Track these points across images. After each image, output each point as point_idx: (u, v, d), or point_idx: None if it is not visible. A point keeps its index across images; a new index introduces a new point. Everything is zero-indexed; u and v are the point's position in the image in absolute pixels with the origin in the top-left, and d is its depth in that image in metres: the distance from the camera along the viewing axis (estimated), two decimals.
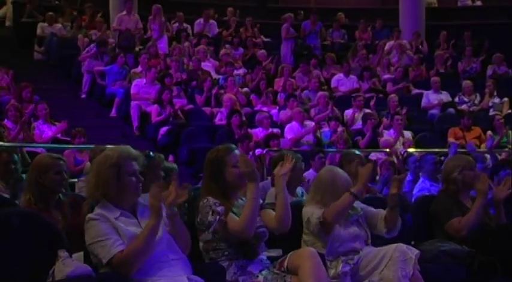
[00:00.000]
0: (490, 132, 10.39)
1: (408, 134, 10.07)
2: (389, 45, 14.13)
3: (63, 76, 12.57)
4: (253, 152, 8.50)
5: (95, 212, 3.28)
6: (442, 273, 4.25)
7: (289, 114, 10.32)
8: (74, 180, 6.21)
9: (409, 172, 7.51)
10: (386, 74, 13.05)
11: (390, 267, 3.85)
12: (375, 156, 9.22)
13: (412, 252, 3.88)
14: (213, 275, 3.48)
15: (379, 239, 4.25)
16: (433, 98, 11.87)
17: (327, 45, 14.61)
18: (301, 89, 11.79)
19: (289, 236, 3.96)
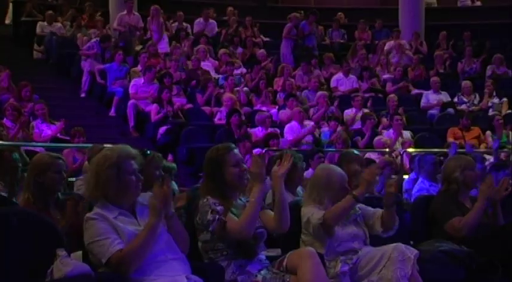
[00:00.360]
0: (489, 132, 10.39)
1: (407, 133, 10.08)
2: (389, 45, 14.13)
3: (63, 75, 12.57)
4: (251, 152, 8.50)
5: (94, 212, 3.27)
6: (441, 273, 4.24)
7: (289, 114, 10.32)
8: (72, 179, 6.20)
9: (414, 171, 7.52)
10: (386, 74, 13.06)
11: (389, 267, 3.84)
12: (373, 157, 9.20)
13: (410, 252, 3.87)
14: (211, 275, 3.47)
15: (378, 239, 4.24)
16: (433, 98, 11.89)
17: (326, 45, 14.60)
18: (301, 88, 11.80)
19: (288, 236, 3.96)
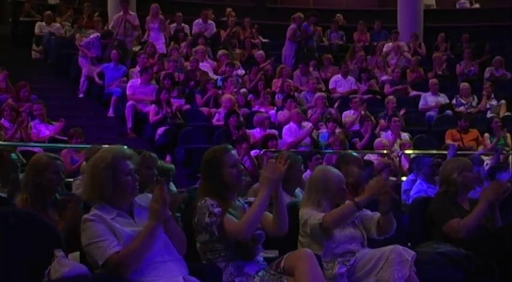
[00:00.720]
0: (487, 134, 10.40)
1: (406, 135, 10.08)
2: (388, 47, 14.14)
3: (61, 75, 12.55)
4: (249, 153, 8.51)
5: (92, 213, 3.27)
6: (439, 275, 4.25)
7: (287, 115, 10.31)
8: (70, 180, 6.20)
9: (413, 172, 7.53)
10: (384, 76, 13.06)
11: (386, 269, 3.84)
12: (372, 158, 9.20)
13: (408, 254, 3.87)
14: (209, 276, 3.47)
15: (376, 241, 4.24)
16: (431, 100, 11.89)
17: (325, 47, 14.60)
18: (299, 90, 11.79)
19: (285, 238, 3.95)
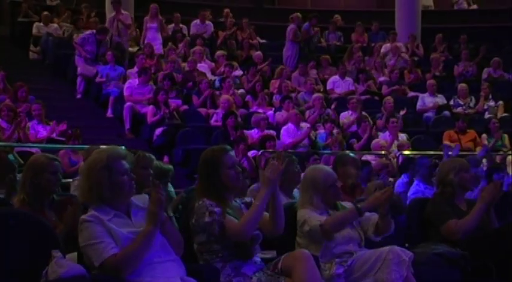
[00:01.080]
0: (485, 135, 10.41)
1: (403, 136, 10.08)
2: (385, 47, 14.14)
3: (59, 76, 12.54)
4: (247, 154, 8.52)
5: (89, 214, 3.27)
6: (436, 275, 4.25)
7: (285, 116, 10.31)
8: (68, 181, 6.20)
9: (404, 174, 7.52)
10: (382, 77, 13.06)
11: (384, 270, 3.84)
12: (369, 159, 9.20)
13: (406, 255, 3.87)
14: (207, 277, 3.47)
15: (373, 241, 4.24)
16: (429, 101, 11.88)
17: (322, 47, 14.59)
18: (297, 91, 11.80)
19: (283, 238, 3.96)
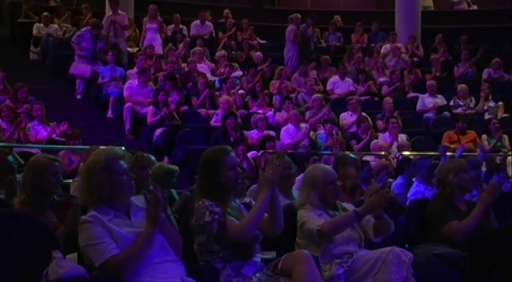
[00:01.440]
0: (485, 136, 10.41)
1: (403, 137, 10.08)
2: (385, 48, 14.14)
3: (59, 77, 12.53)
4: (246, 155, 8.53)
5: (89, 214, 3.28)
6: (435, 276, 4.26)
7: (285, 117, 10.32)
8: (68, 181, 6.20)
9: (401, 176, 7.51)
10: (382, 77, 13.06)
11: (384, 270, 3.84)
12: (369, 160, 9.20)
13: (406, 256, 3.87)
14: (207, 277, 3.47)
15: (373, 242, 4.25)
16: (428, 102, 11.88)
17: (322, 48, 14.59)
18: (297, 91, 11.80)
19: (283, 239, 3.96)
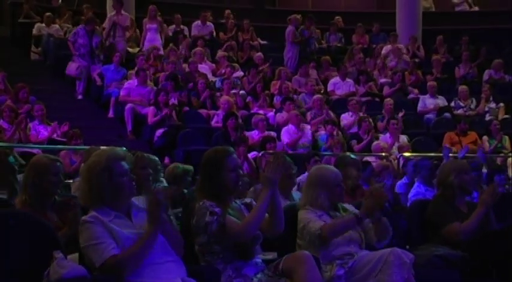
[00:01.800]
0: (486, 137, 10.41)
1: (404, 138, 10.08)
2: (386, 49, 14.13)
3: (60, 77, 12.54)
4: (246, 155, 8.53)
5: (90, 215, 3.28)
6: (435, 277, 4.25)
7: (286, 117, 10.32)
8: (69, 181, 6.21)
9: (406, 176, 7.53)
10: (383, 78, 13.05)
11: (385, 271, 3.83)
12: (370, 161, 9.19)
13: (407, 257, 3.86)
14: (208, 278, 3.47)
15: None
16: (429, 103, 11.88)
17: (323, 49, 14.59)
18: (297, 92, 11.80)
19: (284, 240, 3.96)
